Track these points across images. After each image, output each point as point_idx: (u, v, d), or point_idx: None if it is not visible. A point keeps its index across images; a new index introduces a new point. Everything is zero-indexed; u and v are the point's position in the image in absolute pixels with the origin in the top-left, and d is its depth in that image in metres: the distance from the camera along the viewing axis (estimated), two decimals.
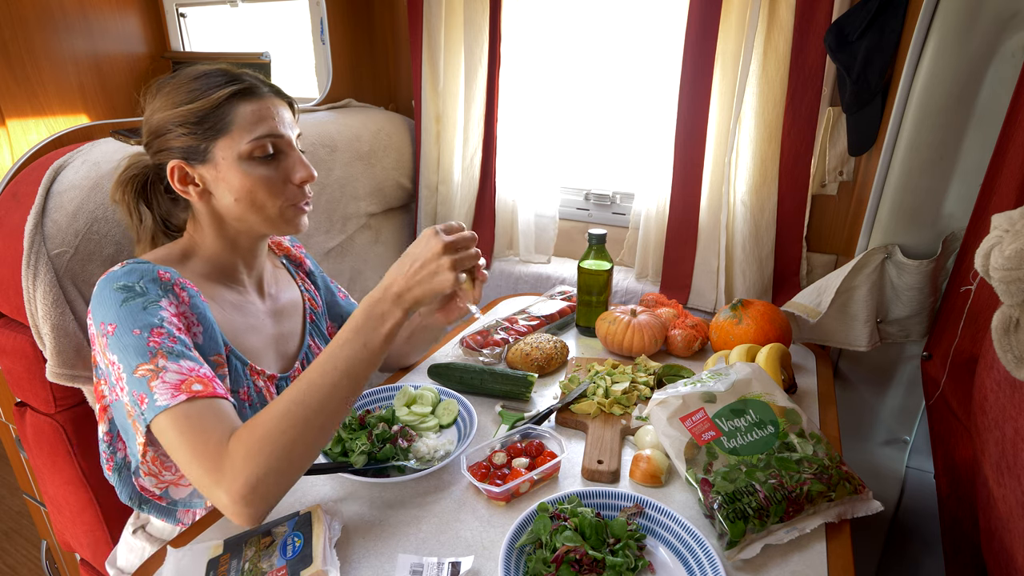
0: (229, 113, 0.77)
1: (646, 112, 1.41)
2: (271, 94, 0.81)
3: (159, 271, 0.75)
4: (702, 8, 1.20)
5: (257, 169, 0.78)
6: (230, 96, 0.77)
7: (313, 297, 1.04)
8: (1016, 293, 0.54)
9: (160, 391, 0.66)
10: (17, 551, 1.82)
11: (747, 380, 0.86)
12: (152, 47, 1.98)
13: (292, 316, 0.97)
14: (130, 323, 0.70)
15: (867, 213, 1.08)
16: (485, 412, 0.99)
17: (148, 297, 0.72)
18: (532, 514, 0.71)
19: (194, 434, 0.65)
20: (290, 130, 0.82)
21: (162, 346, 0.69)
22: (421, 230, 1.73)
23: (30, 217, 0.94)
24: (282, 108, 0.82)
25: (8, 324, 1.04)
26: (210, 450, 0.64)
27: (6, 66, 1.59)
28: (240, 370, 0.82)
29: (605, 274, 1.20)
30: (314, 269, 1.08)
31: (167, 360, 0.68)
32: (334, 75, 1.64)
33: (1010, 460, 0.64)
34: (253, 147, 0.77)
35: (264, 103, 0.79)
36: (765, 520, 0.70)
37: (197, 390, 0.67)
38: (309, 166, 0.83)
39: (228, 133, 0.77)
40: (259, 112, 0.78)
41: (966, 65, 0.92)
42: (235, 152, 0.77)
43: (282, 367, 0.92)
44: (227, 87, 0.77)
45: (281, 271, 1.01)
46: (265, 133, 0.78)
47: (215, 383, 0.70)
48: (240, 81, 0.78)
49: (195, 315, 0.77)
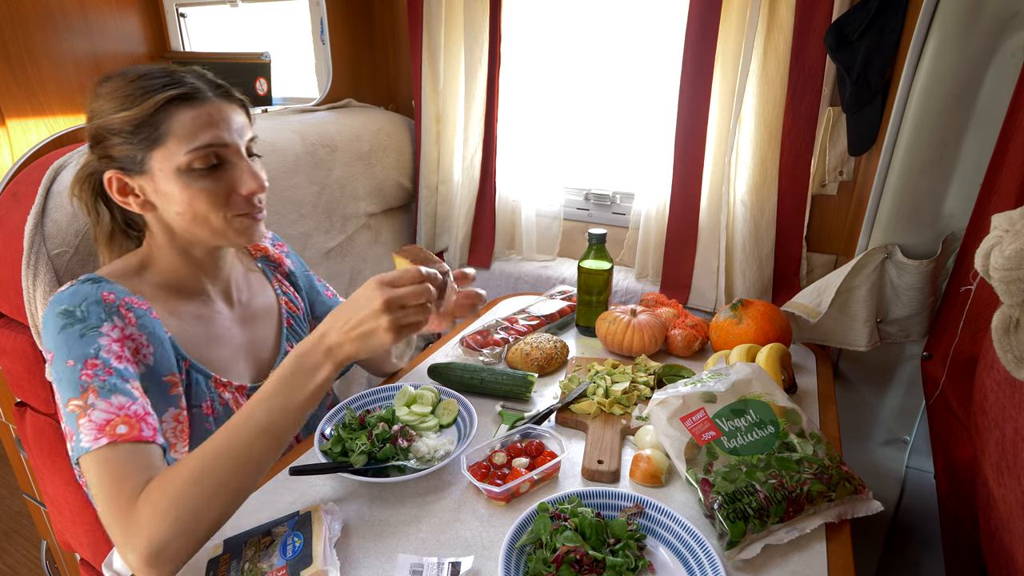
0: (165, 121, 0.70)
1: (646, 112, 1.41)
2: (217, 97, 0.74)
3: (103, 292, 0.72)
4: (702, 8, 1.20)
5: (197, 182, 0.72)
6: (166, 102, 0.70)
7: (292, 300, 1.00)
8: (1016, 293, 0.54)
9: (85, 431, 0.64)
10: (17, 551, 1.82)
11: (747, 380, 0.86)
12: (152, 47, 1.98)
13: (265, 321, 0.94)
14: (65, 352, 0.67)
15: (867, 213, 1.08)
16: (485, 412, 0.99)
17: (88, 323, 0.69)
18: (532, 514, 0.71)
19: (110, 482, 0.62)
20: (239, 136, 0.76)
21: (94, 380, 0.66)
22: (421, 230, 1.76)
23: (30, 217, 0.94)
24: (231, 112, 0.76)
25: (8, 324, 1.04)
26: (122, 503, 0.61)
27: (6, 66, 1.59)
28: (203, 384, 0.80)
29: (605, 274, 1.20)
30: (295, 269, 1.04)
31: (97, 396, 0.66)
32: (334, 75, 1.64)
33: (1010, 460, 0.64)
34: (191, 158, 0.71)
35: (206, 108, 0.72)
36: (765, 520, 0.70)
37: (121, 433, 0.64)
38: (259, 176, 0.77)
39: (164, 144, 0.71)
40: (200, 119, 0.72)
41: (966, 65, 0.92)
42: (173, 164, 0.71)
43: (255, 375, 0.89)
44: (163, 92, 0.70)
45: (255, 274, 0.97)
46: (206, 143, 0.72)
47: (144, 423, 0.67)
48: (179, 84, 0.71)
49: (144, 335, 0.73)
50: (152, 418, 0.68)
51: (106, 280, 0.74)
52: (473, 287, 1.02)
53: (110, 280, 0.75)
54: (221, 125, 0.73)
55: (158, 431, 0.68)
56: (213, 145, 0.72)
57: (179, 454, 0.77)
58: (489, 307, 1.43)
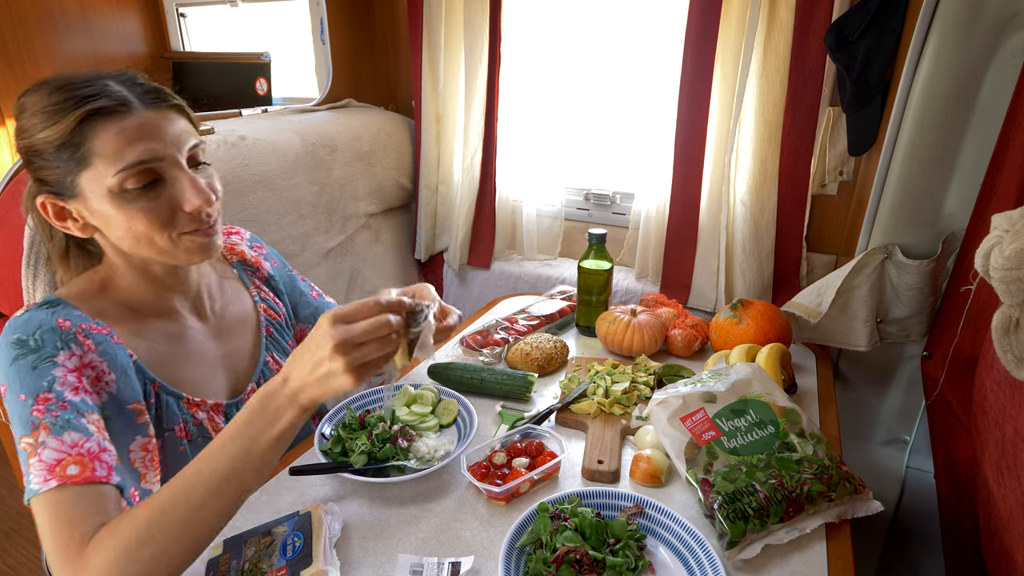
0: (88, 140, 0.63)
1: (646, 112, 1.41)
2: (146, 106, 0.66)
3: (58, 319, 0.67)
4: (702, 8, 1.20)
5: (134, 203, 0.66)
6: (86, 116, 0.63)
7: (272, 307, 0.94)
8: (1016, 293, 0.54)
9: (35, 472, 0.61)
10: (17, 551, 1.81)
11: (747, 380, 0.86)
12: (152, 47, 1.98)
13: (242, 332, 0.88)
14: (17, 386, 0.64)
15: (867, 213, 1.08)
16: (485, 412, 0.99)
17: (41, 353, 0.65)
18: (532, 514, 0.71)
19: (59, 527, 0.58)
20: (176, 147, 0.67)
21: (46, 416, 0.62)
22: (421, 230, 1.75)
23: (30, 217, 0.94)
24: (164, 120, 0.67)
25: None
26: (71, 550, 0.57)
27: (6, 66, 1.59)
28: (174, 406, 0.76)
29: (605, 274, 1.20)
30: (275, 273, 0.98)
31: (48, 434, 0.62)
32: (334, 75, 1.65)
33: (1010, 460, 0.64)
34: (121, 179, 0.64)
35: (132, 120, 0.64)
36: (765, 520, 0.70)
37: (71, 474, 0.60)
38: (204, 190, 0.68)
39: (91, 164, 0.64)
40: (125, 134, 0.64)
41: (966, 65, 0.92)
42: (103, 186, 0.64)
43: (232, 391, 0.85)
44: (82, 106, 0.62)
45: (231, 281, 0.92)
46: (135, 160, 0.64)
47: (98, 461, 0.62)
48: (99, 96, 0.63)
49: (105, 362, 0.69)
50: (108, 454, 0.64)
51: (64, 303, 0.70)
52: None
53: (68, 303, 0.70)
54: (152, 137, 0.65)
55: (114, 469, 0.64)
56: (144, 162, 0.65)
57: (150, 484, 0.71)
58: (489, 307, 1.43)
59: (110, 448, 0.65)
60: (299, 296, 1.01)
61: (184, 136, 0.69)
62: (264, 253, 0.99)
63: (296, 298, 1.01)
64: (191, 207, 0.68)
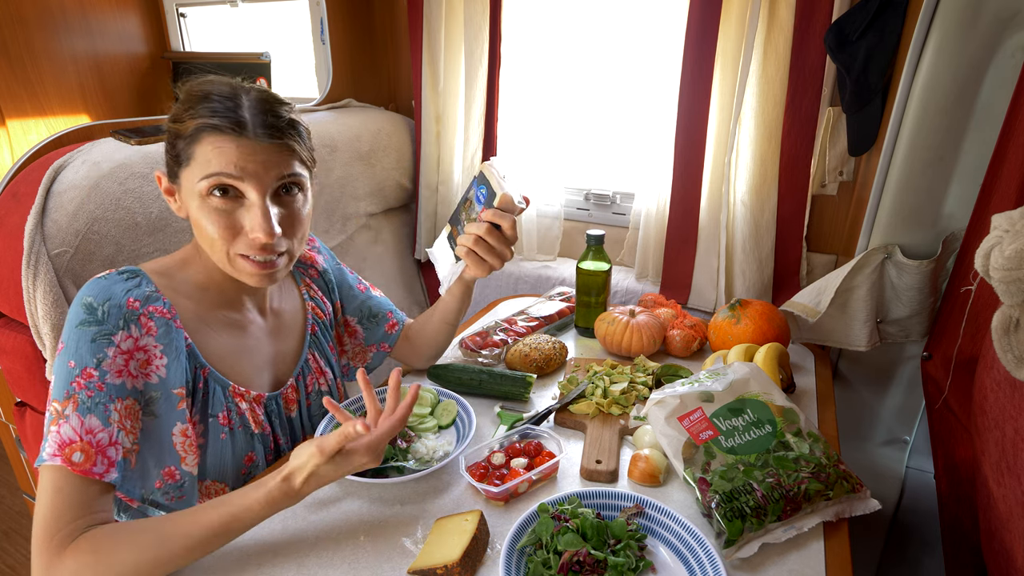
0: (195, 144, 0.71)
1: (646, 112, 1.41)
2: (258, 135, 0.71)
3: (129, 299, 0.71)
4: (702, 8, 1.20)
5: (211, 207, 0.72)
6: (201, 127, 0.70)
7: (319, 305, 0.97)
8: (1016, 293, 0.54)
9: (50, 441, 0.65)
10: (17, 551, 1.82)
11: (745, 379, 0.86)
12: (152, 47, 1.98)
13: (293, 331, 0.92)
14: (72, 350, 0.68)
15: (867, 213, 1.07)
16: (484, 413, 0.99)
17: (103, 328, 0.69)
18: (532, 515, 0.71)
19: (52, 516, 0.63)
20: (265, 174, 0.72)
21: (81, 392, 0.66)
22: (421, 230, 1.75)
23: (30, 217, 0.94)
24: (268, 150, 0.72)
25: (8, 324, 1.04)
26: (53, 545, 0.62)
27: (6, 66, 1.59)
28: (220, 394, 0.79)
29: (604, 275, 1.20)
30: (328, 267, 1.01)
31: (74, 410, 0.66)
32: (334, 75, 1.65)
33: (1010, 460, 0.64)
34: (204, 185, 0.71)
35: (236, 141, 0.70)
36: (763, 519, 0.70)
37: (75, 461, 0.64)
38: (269, 226, 0.72)
39: (189, 165, 0.72)
40: (220, 149, 0.70)
41: (966, 65, 0.92)
42: (194, 186, 0.72)
43: (274, 385, 0.88)
44: (201, 118, 0.70)
45: (287, 279, 0.95)
46: (215, 171, 0.70)
47: (100, 456, 0.66)
48: (223, 115, 0.70)
49: (160, 346, 0.73)
50: (115, 448, 0.68)
51: (143, 277, 0.74)
52: (473, 287, 1.02)
53: (147, 277, 0.74)
54: (244, 159, 0.70)
55: (115, 464, 0.67)
56: (222, 174, 0.70)
57: (190, 467, 0.76)
58: (488, 308, 1.43)
59: (120, 440, 0.68)
60: (347, 289, 1.04)
61: (279, 167, 0.73)
62: (316, 247, 1.02)
63: (344, 291, 1.04)
64: (253, 235, 0.73)
